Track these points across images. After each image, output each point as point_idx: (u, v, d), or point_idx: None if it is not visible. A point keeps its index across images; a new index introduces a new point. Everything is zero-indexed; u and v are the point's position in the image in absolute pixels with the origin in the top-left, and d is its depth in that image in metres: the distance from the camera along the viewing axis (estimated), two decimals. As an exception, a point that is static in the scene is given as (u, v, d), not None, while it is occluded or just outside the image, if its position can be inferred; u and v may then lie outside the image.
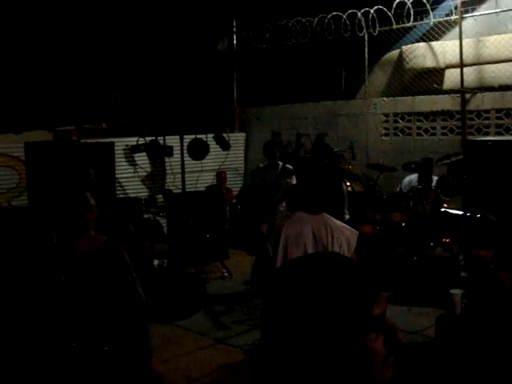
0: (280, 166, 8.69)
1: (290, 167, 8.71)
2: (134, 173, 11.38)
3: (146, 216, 10.65)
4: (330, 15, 10.95)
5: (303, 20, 11.43)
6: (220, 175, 11.44)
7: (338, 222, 4.84)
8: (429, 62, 10.50)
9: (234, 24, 13.17)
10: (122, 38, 12.37)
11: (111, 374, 3.49)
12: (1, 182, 10.31)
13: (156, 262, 9.11)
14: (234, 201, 11.19)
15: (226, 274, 9.12)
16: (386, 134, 10.88)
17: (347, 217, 9.15)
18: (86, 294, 3.96)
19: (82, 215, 4.28)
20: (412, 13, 10.00)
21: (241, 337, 6.77)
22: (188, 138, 9.29)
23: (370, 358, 1.33)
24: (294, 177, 8.54)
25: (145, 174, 11.50)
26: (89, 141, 10.78)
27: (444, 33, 10.35)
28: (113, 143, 10.61)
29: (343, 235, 4.64)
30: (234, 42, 13.23)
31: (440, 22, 10.26)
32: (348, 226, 4.90)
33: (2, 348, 3.33)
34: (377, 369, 1.34)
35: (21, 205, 10.34)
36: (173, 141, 9.83)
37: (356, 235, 4.75)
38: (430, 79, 10.53)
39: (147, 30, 12.27)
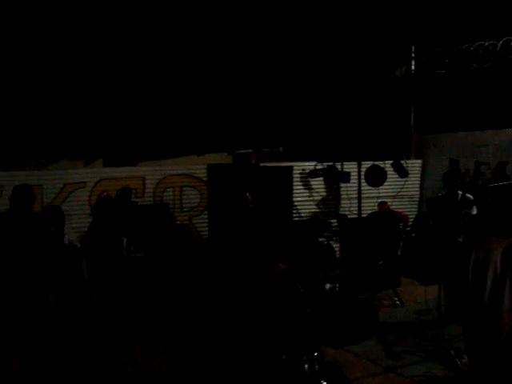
0: (460, 196, 8.43)
1: (471, 197, 8.43)
2: (309, 196, 11.56)
3: (319, 240, 10.75)
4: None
5: (486, 44, 11.10)
6: (383, 206, 11.13)
7: None
8: None
9: (413, 49, 13.04)
10: (294, 65, 12.65)
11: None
12: (184, 201, 10.90)
13: (328, 286, 9.18)
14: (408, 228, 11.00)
15: (398, 303, 9.00)
16: None
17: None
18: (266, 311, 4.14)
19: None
20: None
21: (412, 367, 6.63)
22: (366, 164, 9.31)
23: None
24: (474, 207, 8.26)
25: (320, 198, 11.64)
26: (266, 164, 11.11)
27: None
28: (291, 167, 10.87)
29: None
30: (412, 67, 13.10)
31: None
32: None
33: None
34: None
35: (201, 223, 10.89)
36: (350, 166, 9.90)
37: None
38: None
39: (324, 56, 12.46)
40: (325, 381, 3.30)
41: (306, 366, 3.24)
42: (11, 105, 11.03)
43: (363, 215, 9.75)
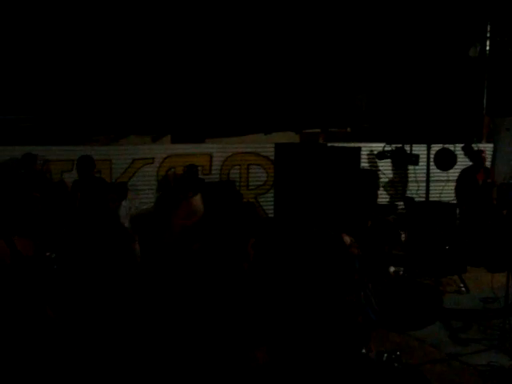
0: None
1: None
2: (375, 178, 11.45)
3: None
4: None
5: None
6: None
7: None
8: None
9: (488, 29, 12.66)
10: (364, 44, 12.47)
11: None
12: (251, 179, 10.95)
13: (392, 269, 9.10)
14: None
15: (463, 289, 8.84)
16: None
17: None
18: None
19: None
20: None
21: (476, 356, 6.52)
22: (435, 147, 9.15)
23: None
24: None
25: (386, 180, 11.51)
26: (334, 144, 11.04)
27: None
28: (359, 148, 10.77)
29: None
30: (487, 47, 12.72)
31: None
32: None
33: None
34: None
35: (267, 201, 10.93)
36: (419, 148, 9.74)
37: None
38: None
39: (392, 36, 12.23)
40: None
41: (387, 363, 3.17)
42: (81, 82, 11.26)
43: (431, 199, 9.59)
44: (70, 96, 11.35)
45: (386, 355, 3.21)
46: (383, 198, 11.50)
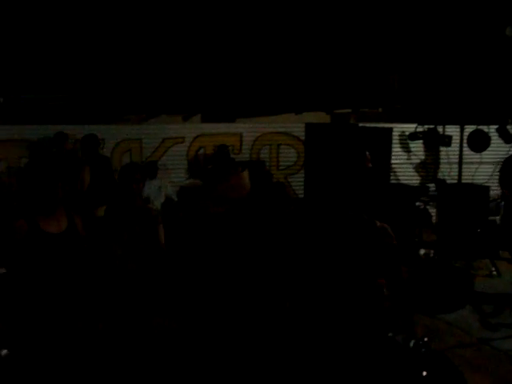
0: None
1: None
2: (407, 159, 11.33)
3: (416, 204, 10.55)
4: None
5: None
6: None
7: None
8: None
9: (526, 8, 12.37)
10: (396, 24, 12.26)
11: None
12: (281, 159, 10.91)
13: (422, 252, 9.00)
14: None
15: (495, 273, 8.74)
16: None
17: None
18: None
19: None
20: None
21: (507, 341, 6.45)
22: (468, 128, 9.01)
23: None
24: None
25: (418, 161, 11.38)
26: (365, 125, 10.94)
27: None
28: (391, 129, 10.66)
29: None
30: (525, 27, 12.44)
31: None
32: None
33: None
34: None
35: (297, 182, 10.88)
36: (452, 130, 9.61)
37: None
38: None
39: (427, 15, 12.00)
40: (428, 371, 3.18)
41: (413, 348, 3.13)
42: (113, 61, 11.27)
43: (463, 181, 9.47)
44: (101, 75, 11.39)
45: (413, 341, 3.18)
46: (414, 179, 11.37)
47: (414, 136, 10.06)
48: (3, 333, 4.13)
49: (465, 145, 9.02)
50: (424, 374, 3.19)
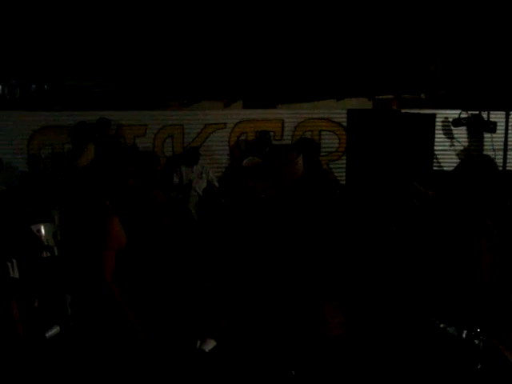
0: None
1: None
2: (450, 146, 11.18)
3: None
4: None
5: None
6: None
7: None
8: None
9: None
10: (439, 8, 12.07)
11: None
12: (322, 145, 10.88)
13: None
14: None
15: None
16: None
17: None
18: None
19: None
20: None
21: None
22: (514, 114, 8.86)
23: None
24: None
25: (461, 148, 11.22)
26: (408, 111, 10.82)
27: None
28: (434, 115, 10.52)
29: None
30: None
31: None
32: None
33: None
34: None
35: (339, 168, 10.85)
36: (497, 116, 9.45)
37: None
38: None
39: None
40: (482, 364, 3.11)
41: (467, 339, 3.07)
42: (154, 47, 11.35)
43: (508, 168, 9.32)
44: (143, 62, 11.48)
45: (465, 331, 3.13)
46: (457, 166, 11.20)
47: (457, 122, 9.90)
48: (57, 310, 4.21)
49: (510, 131, 8.85)
50: (478, 366, 3.13)
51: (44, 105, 11.16)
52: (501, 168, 9.02)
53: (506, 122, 8.63)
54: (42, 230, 6.14)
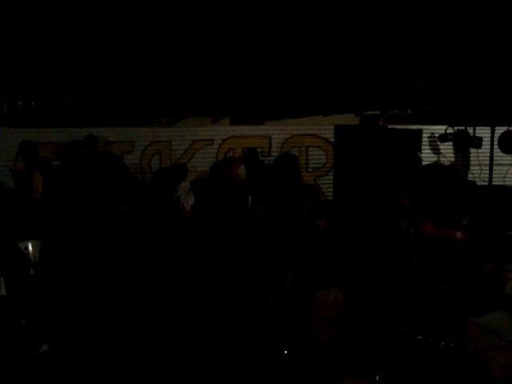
0: None
1: None
2: (437, 161, 11.24)
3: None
4: None
5: None
6: None
7: None
8: None
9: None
10: (424, 24, 12.17)
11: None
12: (310, 161, 10.92)
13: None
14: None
15: (527, 275, 8.65)
16: None
17: None
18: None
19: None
20: None
21: (540, 344, 6.39)
22: (499, 130, 8.93)
23: None
24: None
25: (448, 163, 11.30)
26: (394, 126, 10.90)
27: None
28: (420, 130, 10.60)
29: None
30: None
31: None
32: None
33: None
34: None
35: (326, 183, 10.88)
36: (483, 131, 9.53)
37: None
38: None
39: (455, 16, 11.91)
40: (459, 374, 3.11)
41: (443, 352, 3.07)
42: (141, 64, 11.36)
43: (494, 183, 9.38)
44: (130, 78, 11.49)
45: (443, 343, 3.13)
46: (444, 181, 11.26)
47: (444, 138, 9.99)
48: (45, 328, 4.19)
49: (495, 146, 8.92)
50: (454, 376, 3.14)
51: (31, 121, 11.13)
52: (487, 183, 9.09)
53: (492, 137, 8.71)
54: (30, 247, 6.12)
